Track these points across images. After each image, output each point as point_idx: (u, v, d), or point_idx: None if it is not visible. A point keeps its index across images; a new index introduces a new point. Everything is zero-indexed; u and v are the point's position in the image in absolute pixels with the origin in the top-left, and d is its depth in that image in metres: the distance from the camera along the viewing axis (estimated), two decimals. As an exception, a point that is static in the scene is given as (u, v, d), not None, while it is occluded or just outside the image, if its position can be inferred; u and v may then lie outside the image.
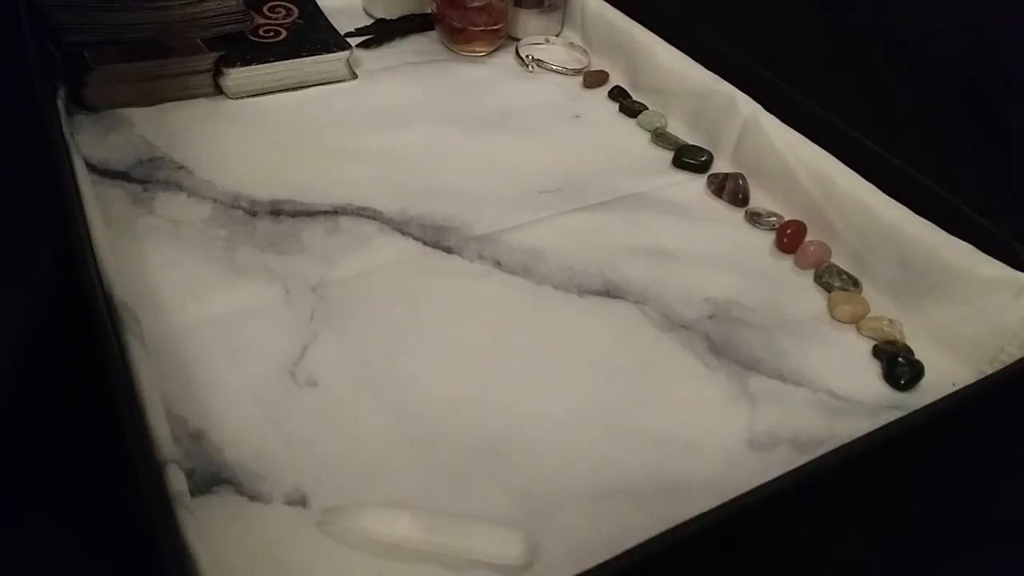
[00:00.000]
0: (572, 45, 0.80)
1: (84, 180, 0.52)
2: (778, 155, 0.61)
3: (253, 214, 0.56)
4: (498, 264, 0.55)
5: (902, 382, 0.49)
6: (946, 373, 0.49)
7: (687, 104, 0.69)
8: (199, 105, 0.66)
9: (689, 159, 0.65)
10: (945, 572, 0.43)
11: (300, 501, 0.40)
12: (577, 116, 0.71)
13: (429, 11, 0.78)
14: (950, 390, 0.46)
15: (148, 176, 0.58)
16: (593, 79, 0.75)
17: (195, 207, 0.56)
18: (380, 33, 0.78)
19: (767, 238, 0.59)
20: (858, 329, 0.52)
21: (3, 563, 0.38)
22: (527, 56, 0.77)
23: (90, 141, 0.60)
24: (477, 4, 0.75)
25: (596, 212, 0.60)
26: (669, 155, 0.66)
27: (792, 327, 0.52)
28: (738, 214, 0.61)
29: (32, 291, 0.50)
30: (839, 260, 0.57)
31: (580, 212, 0.60)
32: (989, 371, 0.48)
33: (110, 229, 0.50)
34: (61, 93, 0.61)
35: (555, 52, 0.79)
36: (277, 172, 0.60)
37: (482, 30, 0.76)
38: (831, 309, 0.54)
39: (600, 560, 0.32)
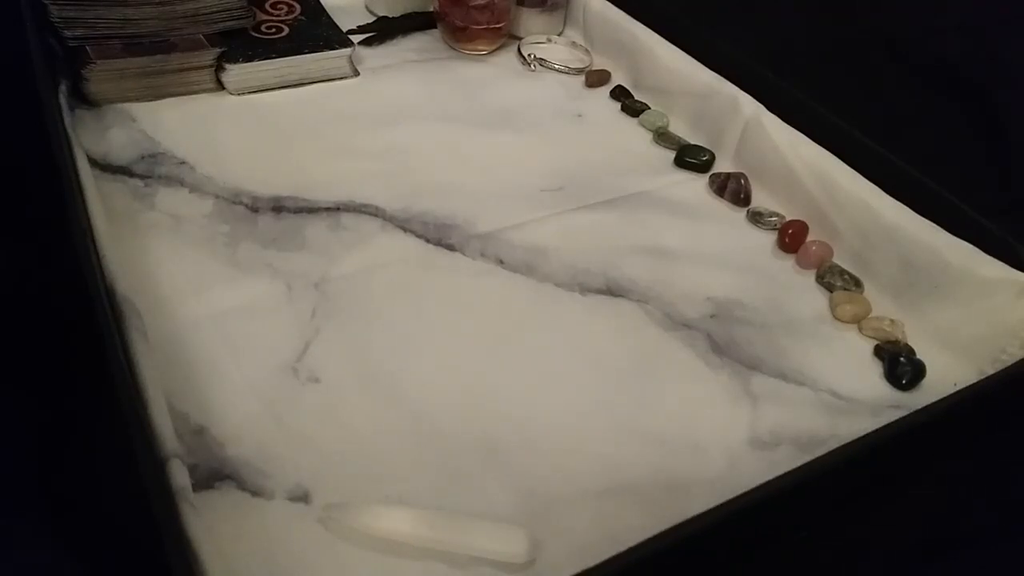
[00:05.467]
0: (574, 44, 0.80)
1: (86, 175, 0.52)
2: (780, 155, 0.61)
3: (255, 210, 0.56)
4: (500, 262, 0.55)
5: (904, 382, 0.49)
6: (948, 373, 0.49)
7: (689, 104, 0.69)
8: (200, 101, 0.66)
9: (691, 159, 0.65)
10: (946, 572, 0.44)
11: (302, 497, 0.40)
12: (579, 115, 0.71)
13: (431, 9, 0.78)
14: (952, 390, 0.46)
15: (149, 171, 0.58)
16: (595, 78, 0.75)
17: (197, 203, 0.56)
18: (382, 31, 0.78)
19: (769, 238, 0.59)
20: (860, 329, 0.53)
21: (5, 558, 0.38)
22: (529, 55, 0.77)
23: (91, 136, 0.60)
24: (479, 2, 0.74)
25: (598, 211, 0.60)
26: (671, 155, 0.66)
27: (794, 327, 0.52)
28: (740, 214, 0.61)
29: (33, 285, 0.50)
30: (841, 260, 0.57)
31: (582, 211, 0.60)
32: (990, 371, 0.48)
33: (112, 224, 0.50)
34: (63, 87, 0.61)
35: (557, 51, 0.79)
36: (279, 168, 0.60)
37: (484, 28, 0.76)
38: (833, 309, 0.54)
39: (602, 558, 0.32)
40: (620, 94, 0.73)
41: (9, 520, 0.39)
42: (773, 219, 0.60)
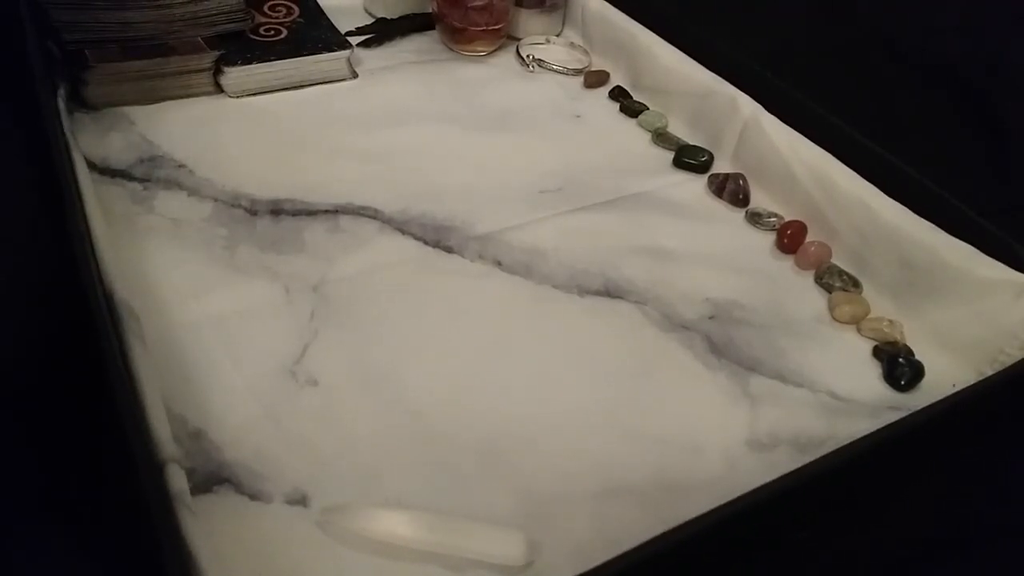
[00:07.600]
0: (573, 45, 0.80)
1: (84, 178, 0.52)
2: (779, 155, 0.61)
3: (253, 213, 0.56)
4: (499, 264, 0.55)
5: (902, 383, 0.49)
6: (946, 374, 0.49)
7: (688, 104, 0.69)
8: (199, 104, 0.66)
9: (690, 159, 0.65)
10: (945, 572, 0.43)
11: (300, 500, 0.40)
12: (578, 116, 0.71)
13: (430, 10, 0.78)
14: (950, 391, 0.46)
15: (148, 175, 0.58)
16: (594, 79, 0.75)
17: (195, 206, 0.56)
18: (381, 32, 0.78)
19: (768, 238, 0.59)
20: (858, 330, 0.52)
21: (5, 562, 0.38)
22: (528, 56, 0.77)
23: (90, 139, 0.60)
24: (478, 4, 0.74)
25: (597, 212, 0.60)
26: (670, 155, 0.66)
27: (793, 327, 0.52)
28: (739, 214, 0.61)
29: (31, 289, 0.50)
30: (839, 260, 0.57)
31: (581, 212, 0.60)
32: (989, 372, 0.48)
33: (110, 227, 0.50)
34: (61, 91, 0.61)
35: (556, 52, 0.79)
36: (277, 171, 0.60)
37: (483, 30, 0.76)
38: (831, 310, 0.54)
39: (601, 560, 0.32)
40: (619, 95, 0.73)
41: (8, 522, 0.39)
42: (772, 220, 0.60)
